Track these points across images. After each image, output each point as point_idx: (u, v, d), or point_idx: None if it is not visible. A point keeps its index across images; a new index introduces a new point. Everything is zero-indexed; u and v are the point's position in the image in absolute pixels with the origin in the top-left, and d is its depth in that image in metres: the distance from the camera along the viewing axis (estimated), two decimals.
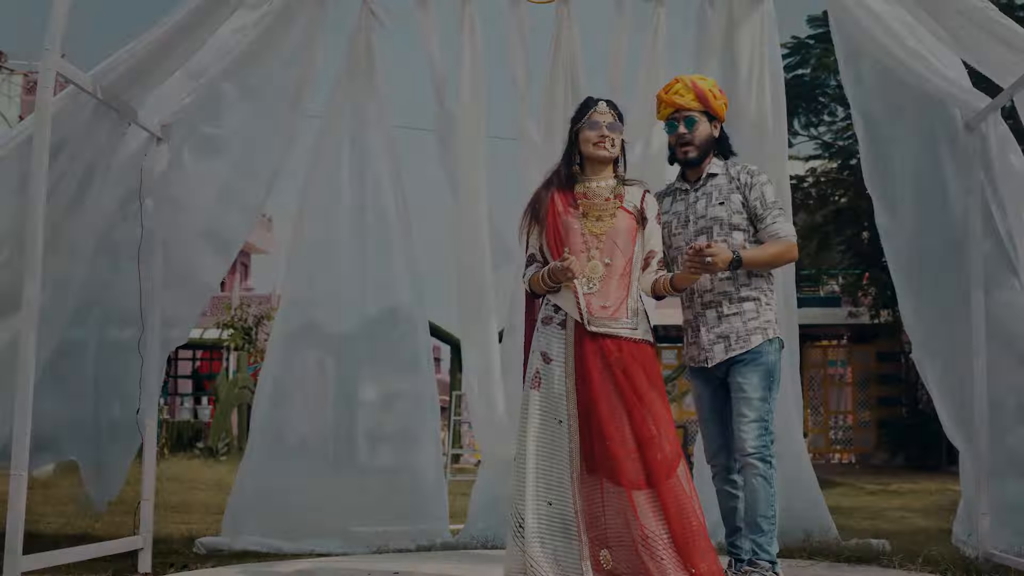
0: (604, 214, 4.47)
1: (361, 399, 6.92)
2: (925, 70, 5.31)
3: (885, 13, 5.32)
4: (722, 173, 4.75)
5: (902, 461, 20.61)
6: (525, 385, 4.46)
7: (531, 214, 4.60)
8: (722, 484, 4.75)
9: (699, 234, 4.69)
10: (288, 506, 6.54)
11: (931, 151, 5.91)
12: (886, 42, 5.30)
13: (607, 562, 4.23)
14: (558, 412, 4.34)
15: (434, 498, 6.79)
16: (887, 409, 21.62)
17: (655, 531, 4.14)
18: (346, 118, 6.70)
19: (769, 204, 4.63)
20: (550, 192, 4.56)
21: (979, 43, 4.83)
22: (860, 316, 21.22)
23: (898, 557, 5.76)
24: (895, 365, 21.91)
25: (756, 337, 4.59)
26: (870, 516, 8.94)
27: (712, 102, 4.72)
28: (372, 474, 6.84)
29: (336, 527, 6.54)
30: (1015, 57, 4.73)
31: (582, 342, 4.36)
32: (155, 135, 5.64)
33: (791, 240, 4.62)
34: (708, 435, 4.79)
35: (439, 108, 6.74)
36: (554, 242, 4.48)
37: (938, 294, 6.03)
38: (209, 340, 23.27)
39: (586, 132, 4.53)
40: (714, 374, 4.70)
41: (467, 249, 6.63)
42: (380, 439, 6.97)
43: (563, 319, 4.43)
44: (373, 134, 6.72)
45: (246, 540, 6.36)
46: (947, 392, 6.05)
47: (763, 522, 4.51)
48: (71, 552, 5.06)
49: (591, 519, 4.27)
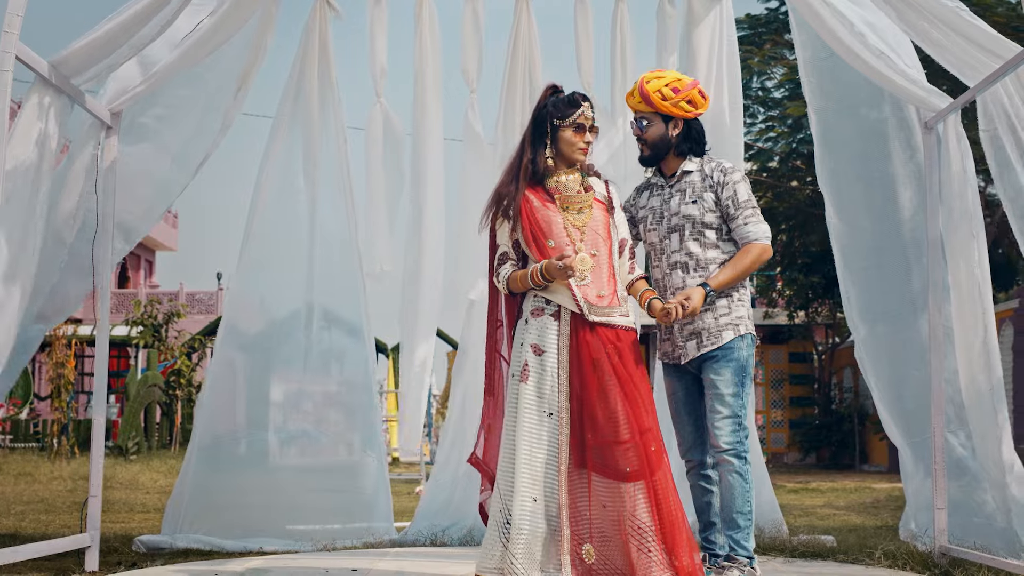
0: (583, 206, 4.43)
1: (302, 398, 6.78)
2: (889, 69, 5.36)
3: (849, 12, 5.36)
4: (697, 170, 4.73)
5: (814, 461, 21.02)
6: (512, 379, 4.37)
7: (499, 210, 4.48)
8: (696, 479, 4.74)
9: (672, 231, 4.68)
10: (229, 505, 6.43)
11: (885, 151, 6.00)
12: (850, 41, 5.33)
13: (589, 556, 4.18)
14: (549, 405, 4.27)
15: (378, 496, 6.70)
16: (799, 409, 22.04)
17: (647, 523, 4.11)
18: (299, 114, 6.55)
19: (741, 203, 4.62)
20: (519, 187, 4.45)
21: (951, 43, 4.88)
22: (776, 317, 21.57)
23: (852, 552, 5.81)
24: (807, 366, 22.34)
25: (728, 333, 4.59)
26: (802, 514, 9.04)
27: (659, 103, 4.63)
28: (314, 473, 6.72)
29: (278, 526, 6.43)
30: (985, 57, 4.79)
31: (578, 333, 4.30)
32: (105, 123, 5.45)
33: (763, 242, 4.61)
34: (682, 431, 4.78)
35: (376, 101, 6.63)
36: (534, 238, 4.40)
37: (885, 294, 6.10)
38: (117, 338, 22.73)
39: (571, 134, 4.43)
40: (688, 370, 4.69)
41: (413, 248, 6.51)
42: (322, 438, 6.84)
43: (555, 311, 4.35)
44: (325, 131, 6.58)
45: (187, 539, 6.22)
46: (889, 391, 6.12)
47: (740, 518, 4.52)
48: (15, 551, 4.84)
49: (575, 513, 4.21)
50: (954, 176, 5.43)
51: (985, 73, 4.88)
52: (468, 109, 6.51)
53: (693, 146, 4.73)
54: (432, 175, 6.54)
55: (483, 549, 4.30)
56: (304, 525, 6.47)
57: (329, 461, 6.79)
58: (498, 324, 4.59)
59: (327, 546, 6.26)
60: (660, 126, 4.69)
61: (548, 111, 4.46)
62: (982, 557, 5.21)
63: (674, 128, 4.70)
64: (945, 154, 5.50)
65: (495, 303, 4.64)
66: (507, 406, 4.37)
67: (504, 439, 4.35)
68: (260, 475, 6.56)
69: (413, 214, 6.54)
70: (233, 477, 6.50)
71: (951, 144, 5.45)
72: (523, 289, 4.43)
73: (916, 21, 4.89)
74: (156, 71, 5.48)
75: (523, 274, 4.38)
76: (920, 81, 5.46)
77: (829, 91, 6.07)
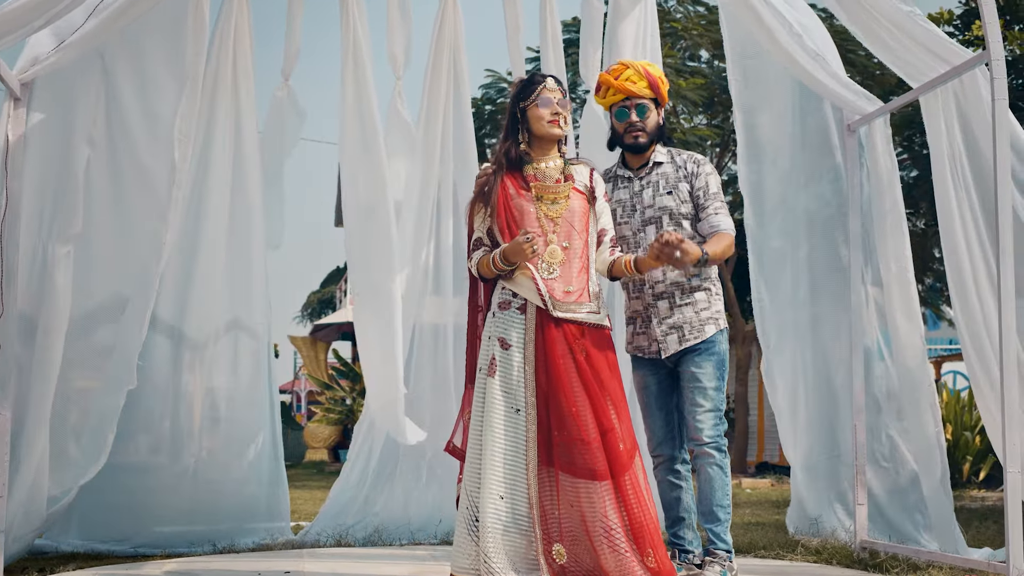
0: (559, 196, 4.34)
1: (197, 397, 6.43)
2: (822, 72, 5.44)
3: (787, 13, 5.42)
4: (668, 162, 4.72)
5: None
6: (480, 372, 4.27)
7: (477, 197, 4.41)
8: (665, 475, 4.71)
9: (647, 224, 4.65)
10: (118, 507, 6.06)
11: (807, 154, 6.08)
12: (787, 41, 5.39)
13: (560, 556, 4.09)
14: (516, 401, 4.17)
15: (274, 496, 6.47)
16: None
17: (616, 522, 4.04)
18: (221, 104, 6.21)
19: (711, 195, 4.64)
20: (497, 175, 4.38)
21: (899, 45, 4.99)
22: None
23: (772, 548, 5.89)
24: None
25: (709, 327, 4.60)
26: None
27: (662, 90, 4.70)
28: (209, 473, 6.39)
29: (170, 527, 6.13)
30: (934, 63, 4.91)
31: (544, 328, 4.21)
32: (14, 93, 5.07)
33: (731, 234, 4.63)
34: (653, 426, 4.74)
35: (283, 83, 6.39)
36: (506, 225, 4.31)
37: (795, 297, 6.18)
38: None
39: (538, 110, 4.36)
40: (664, 364, 4.67)
41: (356, 235, 6.25)
42: (216, 438, 6.51)
43: (522, 304, 4.27)
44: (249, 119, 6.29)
45: (72, 543, 5.90)
46: (791, 394, 6.19)
47: (719, 511, 4.54)
48: None
49: (543, 513, 4.12)
50: (882, 177, 5.56)
51: (930, 76, 5.00)
52: (395, 96, 6.33)
53: (664, 134, 4.75)
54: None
55: (455, 548, 4.19)
56: (196, 527, 6.17)
57: (223, 460, 6.47)
58: (478, 310, 4.50)
59: (226, 548, 6.02)
60: (655, 114, 4.72)
61: (515, 99, 4.42)
62: (900, 548, 5.40)
63: (660, 115, 4.72)
64: (872, 156, 5.63)
65: (474, 290, 4.55)
66: (475, 401, 4.26)
67: (471, 434, 4.24)
68: (150, 476, 6.22)
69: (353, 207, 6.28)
70: (121, 479, 6.11)
71: (878, 147, 5.59)
72: (490, 275, 4.35)
73: (867, 22, 4.98)
74: (71, 40, 5.11)
75: (486, 259, 4.30)
76: (851, 84, 5.57)
77: (755, 90, 6.11)
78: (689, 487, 4.73)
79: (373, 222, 6.09)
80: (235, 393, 6.42)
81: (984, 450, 11.32)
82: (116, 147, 5.66)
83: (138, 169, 5.67)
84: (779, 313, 6.16)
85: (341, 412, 18.37)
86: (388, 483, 6.57)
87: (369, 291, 6.14)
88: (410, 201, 6.41)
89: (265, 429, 6.47)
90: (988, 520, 7.42)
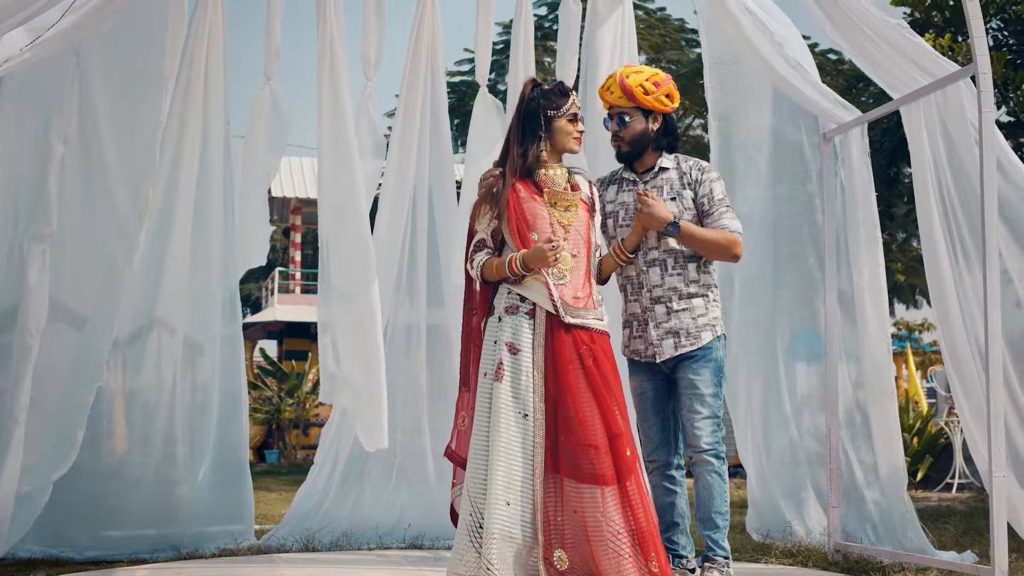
0: (570, 204, 4.36)
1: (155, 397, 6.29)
2: (802, 81, 5.52)
3: (768, 22, 5.48)
4: (673, 168, 4.73)
5: None
6: (485, 377, 4.24)
7: (486, 198, 4.36)
8: (660, 480, 4.72)
9: None
10: (74, 512, 5.89)
11: (781, 162, 6.16)
12: (768, 50, 5.45)
13: (561, 563, 4.08)
14: (525, 406, 4.15)
15: (238, 499, 6.34)
16: None
17: (621, 527, 4.05)
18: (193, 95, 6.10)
19: (716, 200, 4.65)
20: (508, 178, 4.34)
21: (885, 57, 5.07)
22: None
23: (747, 551, 5.94)
24: None
25: (706, 334, 4.61)
26: None
27: (641, 98, 4.64)
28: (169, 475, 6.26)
29: (129, 531, 5.97)
30: (918, 74, 5.00)
31: (554, 334, 4.20)
32: None
33: (732, 233, 4.62)
34: (649, 431, 4.74)
35: (264, 83, 6.29)
36: (517, 228, 4.28)
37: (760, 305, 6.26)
38: None
39: (567, 124, 4.38)
40: (660, 369, 4.67)
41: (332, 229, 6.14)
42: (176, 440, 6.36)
43: (530, 308, 4.25)
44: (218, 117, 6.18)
45: (30, 549, 5.70)
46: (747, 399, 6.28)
47: (718, 518, 4.55)
48: None
49: (547, 518, 4.11)
50: (856, 187, 5.66)
51: (912, 87, 5.09)
52: (367, 99, 6.25)
53: (671, 141, 4.76)
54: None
55: (454, 554, 4.15)
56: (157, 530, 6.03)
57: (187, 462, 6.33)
58: (474, 312, 4.45)
59: (190, 553, 5.88)
60: (640, 121, 4.68)
61: (539, 103, 4.37)
62: (875, 551, 5.48)
63: (653, 123, 4.70)
64: (848, 166, 5.72)
65: (471, 292, 4.50)
66: (479, 405, 4.23)
67: (475, 439, 4.20)
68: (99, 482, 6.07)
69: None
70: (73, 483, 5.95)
71: (854, 156, 5.68)
72: (497, 278, 4.32)
73: (853, 34, 5.05)
74: (45, 37, 4.98)
75: (500, 262, 4.27)
76: (829, 93, 5.65)
77: (731, 98, 6.17)
78: (683, 492, 4.75)
79: (348, 223, 6.00)
80: (203, 392, 6.31)
81: (922, 451, 11.56)
82: (89, 146, 5.54)
83: (112, 168, 5.56)
84: (744, 316, 6.25)
85: (267, 412, 18.15)
86: (356, 486, 6.49)
87: (345, 294, 6.05)
88: (384, 202, 6.35)
89: (218, 429, 6.34)
90: (940, 521, 7.54)
